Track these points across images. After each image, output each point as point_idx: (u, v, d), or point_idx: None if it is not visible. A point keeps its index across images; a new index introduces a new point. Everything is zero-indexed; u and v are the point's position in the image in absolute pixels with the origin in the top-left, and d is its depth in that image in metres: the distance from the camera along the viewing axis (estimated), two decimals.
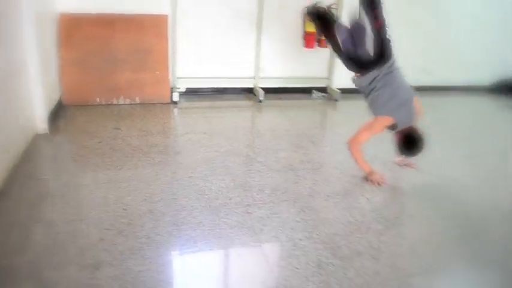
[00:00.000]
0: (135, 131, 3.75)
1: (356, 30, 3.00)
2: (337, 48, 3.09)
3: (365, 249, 2.35)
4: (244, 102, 4.92)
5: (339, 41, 3.04)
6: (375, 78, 2.99)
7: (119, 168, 3.07)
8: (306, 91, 5.36)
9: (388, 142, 3.28)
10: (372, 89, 3.03)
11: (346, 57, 3.08)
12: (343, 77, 3.35)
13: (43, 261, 2.07)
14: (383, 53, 2.92)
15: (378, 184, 3.07)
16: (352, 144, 3.10)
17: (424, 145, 3.06)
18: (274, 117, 4.45)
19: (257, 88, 5.01)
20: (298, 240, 2.38)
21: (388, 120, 3.02)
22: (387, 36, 2.92)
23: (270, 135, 3.93)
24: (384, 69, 2.96)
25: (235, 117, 4.40)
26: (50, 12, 4.01)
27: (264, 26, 4.89)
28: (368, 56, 2.95)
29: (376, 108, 3.06)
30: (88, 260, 2.10)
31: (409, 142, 3.06)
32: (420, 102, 3.16)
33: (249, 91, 5.16)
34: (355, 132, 3.11)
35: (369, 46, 2.92)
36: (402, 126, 3.04)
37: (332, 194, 2.93)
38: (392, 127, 3.07)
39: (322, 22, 3.22)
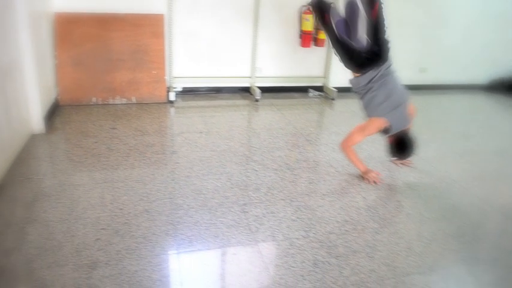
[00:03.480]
0: (131, 131, 3.74)
1: (349, 13, 3.05)
2: (332, 36, 3.11)
3: (361, 248, 2.36)
4: (241, 102, 4.92)
5: (333, 25, 3.06)
6: (372, 79, 3.00)
7: (115, 167, 3.07)
8: (302, 90, 5.37)
9: (383, 141, 3.29)
10: (368, 90, 3.05)
11: (342, 47, 3.08)
12: (340, 76, 3.35)
13: (38, 261, 2.07)
14: (380, 50, 2.94)
15: (374, 182, 3.08)
16: (344, 146, 3.16)
17: (415, 149, 3.14)
18: (271, 116, 4.45)
19: (254, 87, 5.02)
20: (295, 239, 2.39)
21: (382, 122, 3.03)
22: (385, 34, 2.94)
23: (266, 134, 3.93)
24: (381, 70, 2.98)
25: (232, 116, 4.39)
26: (45, 11, 4.00)
27: (260, 25, 4.89)
28: (363, 45, 2.97)
29: (370, 110, 3.08)
30: (84, 260, 2.10)
31: (400, 145, 3.14)
32: (414, 107, 3.20)
33: (246, 90, 5.17)
34: (348, 134, 3.16)
35: (362, 32, 2.95)
36: (395, 130, 3.07)
37: (328, 193, 2.93)
38: (385, 131, 3.09)
39: (319, 9, 3.24)
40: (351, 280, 2.10)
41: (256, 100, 4.87)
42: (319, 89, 5.40)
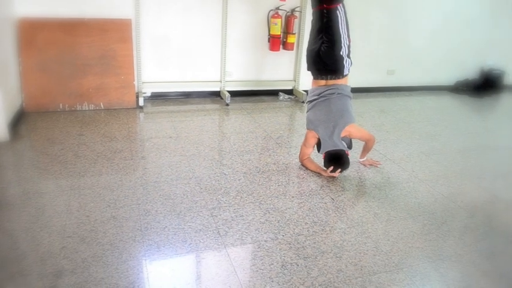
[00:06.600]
0: (99, 137, 3.69)
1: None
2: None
3: (329, 248, 2.38)
4: (211, 106, 4.91)
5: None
6: (322, 93, 3.22)
7: (82, 174, 3.02)
8: (272, 94, 5.40)
9: (354, 143, 3.34)
10: (315, 101, 3.26)
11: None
12: (309, 79, 3.39)
13: (1, 272, 2.02)
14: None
15: (336, 175, 3.23)
16: (300, 160, 3.42)
17: (346, 166, 3.26)
18: (241, 120, 4.46)
19: (224, 91, 5.02)
20: (264, 241, 2.40)
21: (314, 135, 3.25)
22: (340, 50, 3.12)
23: (236, 138, 3.94)
24: (331, 89, 3.19)
25: (202, 121, 4.38)
26: (8, 16, 3.92)
27: (229, 29, 4.90)
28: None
29: (308, 120, 3.30)
30: (49, 268, 2.06)
31: (331, 160, 3.23)
32: (369, 135, 3.34)
33: (216, 94, 5.16)
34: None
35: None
36: (325, 148, 3.22)
37: (297, 195, 2.96)
38: (318, 145, 3.28)
39: None
40: (319, 281, 2.12)
41: (227, 104, 4.88)
42: (289, 92, 5.44)
